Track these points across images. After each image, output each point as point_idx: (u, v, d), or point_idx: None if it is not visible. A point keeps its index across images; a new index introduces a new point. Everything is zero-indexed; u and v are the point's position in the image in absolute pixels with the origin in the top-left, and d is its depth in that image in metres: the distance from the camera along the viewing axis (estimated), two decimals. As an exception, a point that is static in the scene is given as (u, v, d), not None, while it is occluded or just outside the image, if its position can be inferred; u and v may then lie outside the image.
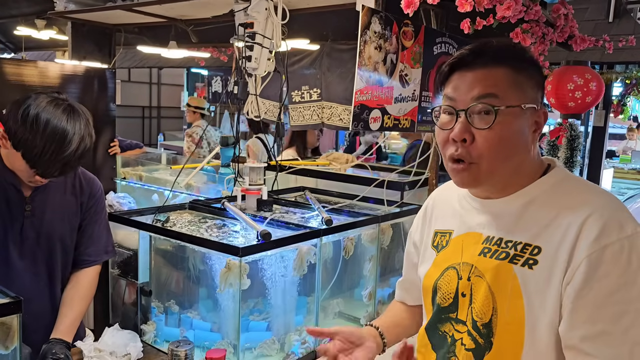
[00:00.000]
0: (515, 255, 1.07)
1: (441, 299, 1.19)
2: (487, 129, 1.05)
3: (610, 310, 0.96)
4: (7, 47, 6.38)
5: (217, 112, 10.84)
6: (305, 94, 3.94)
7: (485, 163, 1.07)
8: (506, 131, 1.05)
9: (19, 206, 1.69)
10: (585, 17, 4.88)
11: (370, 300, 2.41)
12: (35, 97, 1.54)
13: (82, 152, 1.57)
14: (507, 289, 1.06)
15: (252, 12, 2.36)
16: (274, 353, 2.01)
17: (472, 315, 1.12)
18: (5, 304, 1.34)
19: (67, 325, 1.74)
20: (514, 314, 1.05)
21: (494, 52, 1.09)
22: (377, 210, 2.59)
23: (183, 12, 3.26)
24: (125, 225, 2.15)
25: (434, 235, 1.28)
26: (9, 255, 1.69)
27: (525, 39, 2.43)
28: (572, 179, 1.13)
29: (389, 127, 2.43)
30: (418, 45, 2.46)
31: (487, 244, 1.12)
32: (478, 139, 1.06)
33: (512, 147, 1.07)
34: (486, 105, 1.05)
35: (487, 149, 1.06)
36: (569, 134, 3.28)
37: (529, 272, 1.04)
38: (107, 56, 3.86)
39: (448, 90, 1.12)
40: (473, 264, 1.13)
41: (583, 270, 0.97)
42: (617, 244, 0.97)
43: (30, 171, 1.56)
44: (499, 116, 1.05)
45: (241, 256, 1.77)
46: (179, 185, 3.17)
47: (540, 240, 1.05)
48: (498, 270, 1.08)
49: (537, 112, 1.10)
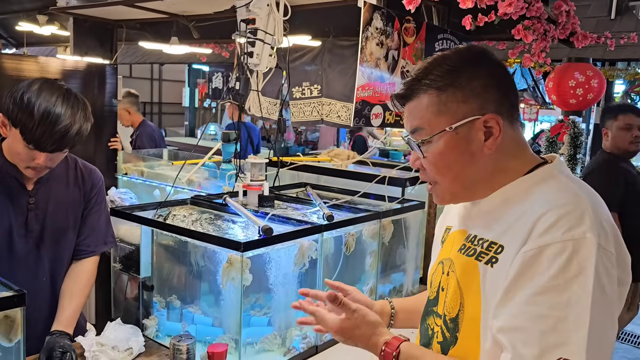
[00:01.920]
0: (481, 252, 1.08)
1: (430, 292, 1.23)
2: (424, 158, 1.11)
3: (533, 309, 0.93)
4: (9, 43, 6.39)
5: (218, 108, 10.85)
6: (306, 90, 3.94)
7: (444, 182, 1.12)
8: (439, 156, 1.08)
9: (22, 199, 1.70)
10: (587, 14, 4.88)
11: (371, 296, 2.42)
12: (30, 80, 1.59)
13: (78, 128, 1.58)
14: (473, 285, 1.07)
15: (253, 8, 2.36)
16: (276, 348, 2.02)
17: (444, 310, 1.15)
18: (9, 297, 1.35)
19: (68, 317, 1.75)
20: (475, 310, 1.06)
21: (417, 79, 1.09)
22: (379, 206, 2.60)
23: (185, 8, 3.26)
24: (128, 220, 2.16)
25: (445, 230, 1.30)
26: (13, 248, 1.70)
27: (527, 36, 2.44)
28: (556, 178, 1.07)
29: (391, 124, 2.44)
30: (420, 41, 2.47)
31: (465, 240, 1.15)
32: (425, 166, 1.12)
33: (454, 166, 1.09)
34: (412, 140, 1.11)
35: (432, 173, 1.12)
36: (571, 131, 3.28)
37: (489, 270, 1.04)
38: (109, 52, 3.87)
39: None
40: (452, 259, 1.16)
41: (518, 264, 0.96)
42: (559, 245, 0.93)
43: (30, 151, 1.57)
44: (425, 147, 1.09)
45: (243, 251, 1.78)
46: (180, 181, 3.18)
47: (504, 238, 1.04)
48: (466, 267, 1.10)
49: (478, 122, 1.05)
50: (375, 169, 3.29)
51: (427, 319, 1.23)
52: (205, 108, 10.92)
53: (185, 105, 9.88)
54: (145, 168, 3.81)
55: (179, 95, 10.72)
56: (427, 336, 1.21)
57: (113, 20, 3.82)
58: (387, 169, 3.09)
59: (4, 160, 1.67)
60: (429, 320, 1.22)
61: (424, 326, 1.24)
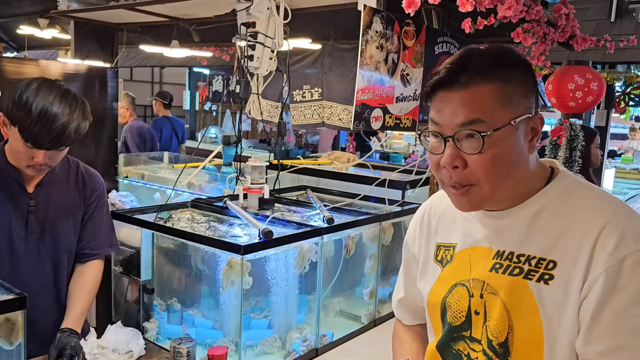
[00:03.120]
0: (529, 270, 1.02)
1: (452, 317, 1.13)
2: (478, 154, 0.99)
3: (629, 323, 0.92)
4: (10, 46, 6.39)
5: (219, 111, 10.85)
6: (306, 93, 3.94)
7: (485, 185, 1.01)
8: (499, 152, 0.99)
9: (23, 201, 1.72)
10: (587, 17, 4.89)
11: (371, 298, 2.42)
12: (30, 80, 1.61)
13: (76, 126, 1.60)
14: (523, 306, 1.02)
15: (254, 11, 2.37)
16: (276, 351, 2.02)
17: (487, 334, 1.07)
18: (10, 300, 1.35)
19: (77, 315, 1.76)
20: (532, 331, 1.01)
21: (476, 66, 0.99)
22: (379, 209, 2.60)
23: (185, 11, 3.27)
24: (128, 223, 2.16)
25: (437, 249, 1.21)
26: (14, 250, 1.71)
27: (527, 39, 2.44)
28: (579, 185, 1.07)
29: (391, 127, 2.45)
30: (419, 44, 2.47)
31: (497, 259, 1.07)
32: (471, 164, 1.00)
33: (510, 165, 1.01)
34: (473, 132, 0.98)
35: (482, 172, 1.00)
36: (568, 134, 3.29)
37: (545, 288, 1.00)
38: (110, 55, 3.87)
39: (432, 113, 1.04)
40: (485, 280, 1.08)
41: (601, 283, 0.93)
42: (634, 255, 0.93)
43: (28, 149, 1.58)
44: (487, 141, 0.98)
45: (243, 254, 1.78)
46: (181, 184, 3.18)
47: (554, 253, 1.00)
48: (512, 287, 1.03)
49: (531, 120, 1.02)
50: (375, 171, 3.30)
51: (452, 345, 1.14)
52: (205, 111, 10.92)
53: (186, 109, 9.88)
54: (145, 171, 3.82)
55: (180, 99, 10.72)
56: None
57: (114, 24, 3.82)
58: (387, 172, 3.09)
59: (6, 163, 1.69)
60: (458, 345, 1.13)
61: (450, 353, 1.15)
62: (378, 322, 2.42)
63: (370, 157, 3.89)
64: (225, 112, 10.31)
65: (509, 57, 1.02)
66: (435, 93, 1.03)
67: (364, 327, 2.37)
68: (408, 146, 9.07)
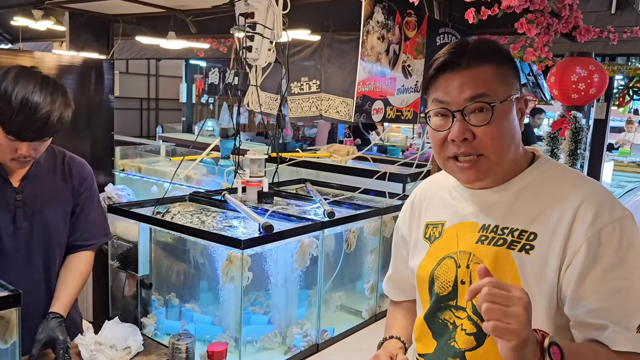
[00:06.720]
0: (512, 241, 1.12)
1: (440, 288, 1.22)
2: (486, 125, 1.10)
3: (609, 287, 1.03)
4: (4, 38, 6.32)
5: (215, 104, 10.80)
6: (304, 85, 3.90)
7: (493, 154, 1.12)
8: (503, 123, 1.11)
9: (9, 196, 1.67)
10: (588, 9, 4.85)
11: (372, 293, 2.40)
12: (6, 69, 1.54)
13: (59, 115, 1.54)
14: (506, 274, 1.11)
15: (252, 1, 2.32)
16: (276, 346, 1.99)
17: (472, 301, 1.11)
18: (4, 297, 1.32)
19: (65, 300, 1.73)
20: None
21: (475, 51, 1.13)
22: (379, 202, 2.57)
23: (182, 2, 3.22)
24: (125, 217, 2.13)
25: (425, 227, 1.31)
26: (3, 246, 1.66)
27: (530, 29, 2.41)
28: (557, 167, 1.20)
29: (392, 119, 2.41)
30: (421, 35, 2.44)
31: (483, 231, 1.17)
32: (479, 135, 1.11)
33: (510, 136, 1.13)
34: (482, 104, 1.10)
35: (490, 141, 1.11)
36: (573, 127, 3.25)
37: (525, 257, 1.10)
38: (105, 47, 3.82)
39: (438, 94, 1.14)
40: (471, 251, 1.17)
41: (584, 252, 1.04)
42: (609, 226, 1.05)
43: (11, 142, 1.53)
44: (495, 112, 1.10)
45: (243, 248, 1.75)
46: (178, 177, 3.15)
47: (535, 226, 1.11)
48: (497, 256, 1.13)
49: (520, 100, 1.17)
50: (375, 164, 3.27)
51: (439, 315, 1.22)
52: (202, 104, 10.86)
53: (183, 101, 9.82)
54: (142, 164, 3.78)
55: (176, 91, 10.65)
56: (447, 331, 1.20)
57: (109, 15, 3.77)
58: (387, 165, 3.06)
59: None
60: (445, 315, 1.21)
61: (437, 322, 1.23)
62: (379, 317, 2.40)
63: (368, 150, 3.86)
64: (222, 104, 10.26)
65: (497, 46, 1.18)
66: (438, 77, 1.14)
67: (365, 322, 2.35)
68: (405, 139, 9.06)
